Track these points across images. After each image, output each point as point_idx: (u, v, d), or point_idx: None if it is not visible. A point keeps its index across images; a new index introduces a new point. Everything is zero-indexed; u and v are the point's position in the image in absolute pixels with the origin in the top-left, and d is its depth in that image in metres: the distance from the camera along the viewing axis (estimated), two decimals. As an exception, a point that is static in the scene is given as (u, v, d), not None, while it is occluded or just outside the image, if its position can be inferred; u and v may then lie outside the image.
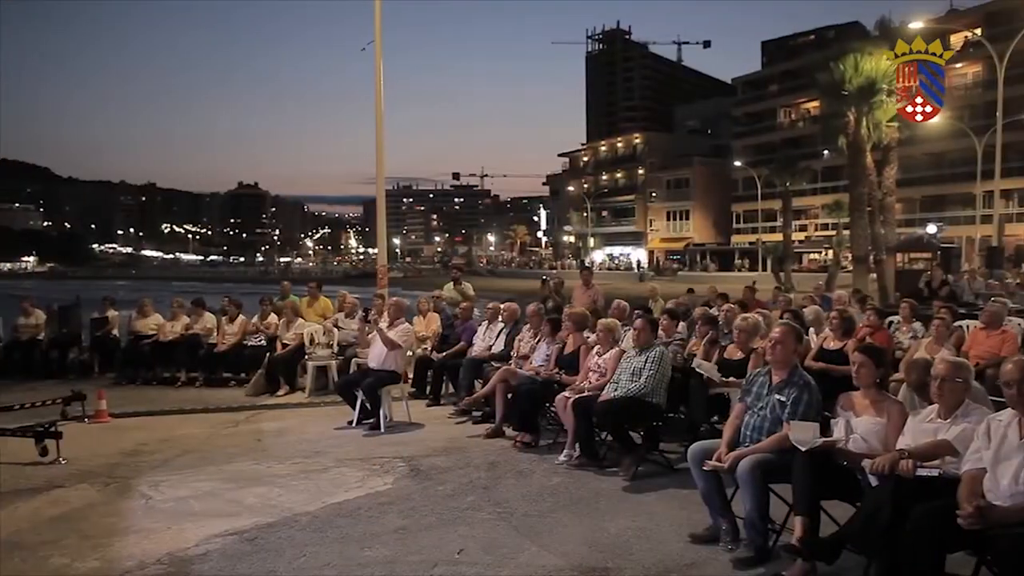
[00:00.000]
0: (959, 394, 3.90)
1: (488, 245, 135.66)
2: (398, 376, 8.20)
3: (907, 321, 8.79)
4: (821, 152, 50.40)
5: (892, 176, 27.77)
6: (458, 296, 11.71)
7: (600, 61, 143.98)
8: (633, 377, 6.11)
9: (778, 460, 4.21)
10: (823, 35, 69.57)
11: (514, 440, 7.09)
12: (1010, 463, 3.34)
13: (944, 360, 4.11)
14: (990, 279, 17.41)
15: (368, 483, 5.92)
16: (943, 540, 3.34)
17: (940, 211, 47.64)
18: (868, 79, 26.21)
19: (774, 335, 4.63)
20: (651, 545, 4.56)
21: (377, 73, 12.55)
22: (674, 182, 69.98)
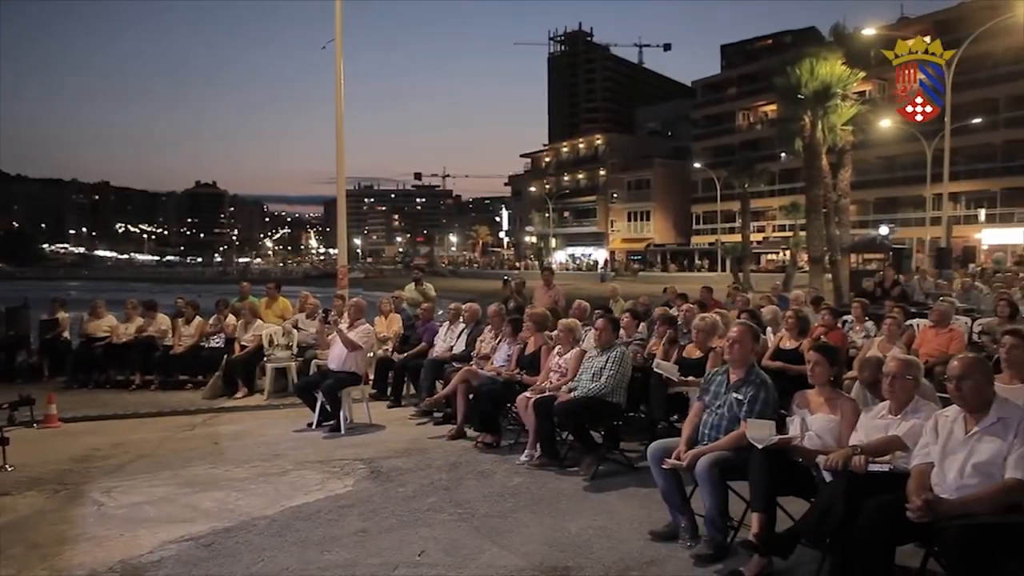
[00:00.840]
0: (909, 391, 4.01)
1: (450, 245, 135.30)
2: (358, 377, 8.13)
3: (860, 320, 8.99)
4: (778, 155, 51.24)
5: (847, 179, 28.41)
6: (419, 297, 11.66)
7: (562, 62, 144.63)
8: (594, 377, 6.15)
9: (736, 458, 4.28)
10: (780, 40, 70.92)
11: (475, 441, 7.09)
12: (956, 457, 3.44)
13: (895, 358, 4.21)
14: (939, 279, 17.92)
15: (328, 486, 5.86)
16: (893, 533, 3.42)
17: (892, 213, 48.83)
18: (823, 83, 26.76)
19: (731, 335, 4.70)
20: (611, 543, 4.59)
21: (337, 72, 12.45)
22: (635, 183, 70.56)
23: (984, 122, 41.40)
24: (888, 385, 4.03)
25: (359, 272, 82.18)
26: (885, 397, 4.13)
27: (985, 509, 3.24)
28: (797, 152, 28.97)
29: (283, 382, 9.89)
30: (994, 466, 3.32)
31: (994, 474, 3.32)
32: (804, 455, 4.17)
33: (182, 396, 9.80)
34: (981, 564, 3.15)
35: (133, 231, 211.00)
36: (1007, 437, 3.33)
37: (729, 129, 63.66)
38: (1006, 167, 44.39)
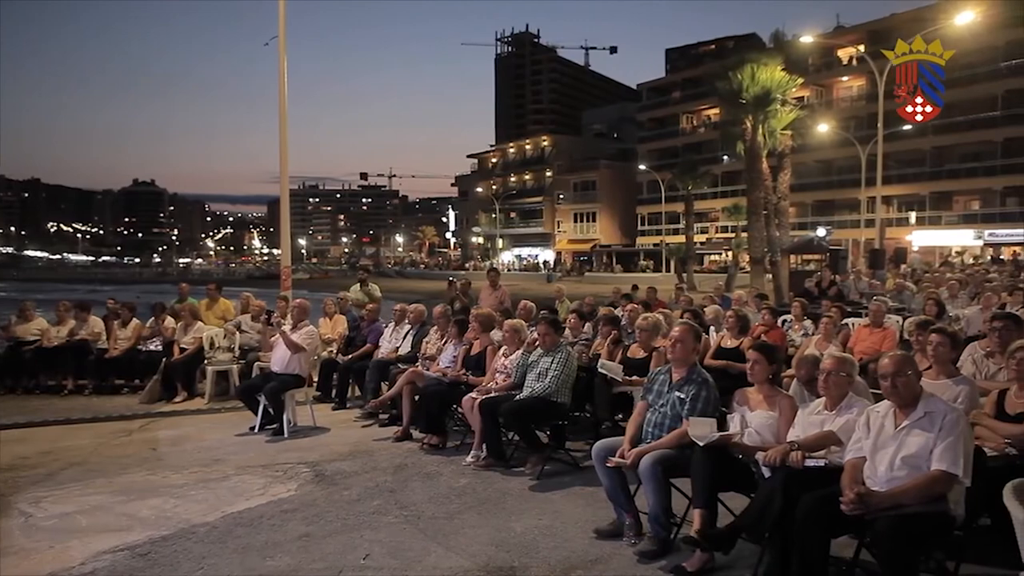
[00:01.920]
0: (843, 387, 4.15)
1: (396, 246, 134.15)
2: (302, 379, 8.00)
3: (799, 319, 9.24)
4: (721, 157, 52.47)
5: (786, 181, 29.16)
6: (364, 298, 11.55)
7: (509, 63, 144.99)
8: (539, 377, 6.18)
9: (678, 455, 4.36)
10: (723, 45, 72.48)
11: (421, 442, 7.05)
12: (887, 451, 3.57)
13: (830, 356, 4.35)
14: (873, 279, 18.54)
15: (270, 490, 5.76)
16: (828, 526, 3.53)
17: (829, 215, 50.31)
18: (764, 88, 27.40)
19: (674, 334, 4.78)
20: (557, 542, 4.62)
21: (281, 70, 12.25)
22: (581, 184, 71.09)
23: (914, 129, 42.98)
24: (823, 382, 4.17)
25: (304, 273, 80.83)
26: (821, 393, 4.26)
27: (912, 500, 3.37)
28: (739, 155, 29.65)
29: (224, 385, 9.66)
30: (921, 458, 3.46)
31: (921, 466, 3.45)
32: (744, 451, 4.28)
33: (118, 401, 9.48)
34: (908, 552, 3.28)
35: (66, 230, 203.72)
36: (933, 430, 3.47)
37: (673, 132, 64.64)
38: (933, 172, 46.19)
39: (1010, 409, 4.42)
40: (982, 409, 4.61)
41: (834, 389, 4.14)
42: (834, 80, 52.43)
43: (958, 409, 3.68)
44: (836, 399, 4.14)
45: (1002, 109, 42.89)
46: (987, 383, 5.43)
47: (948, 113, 44.73)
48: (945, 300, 11.20)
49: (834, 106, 51.25)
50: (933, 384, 4.62)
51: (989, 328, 5.97)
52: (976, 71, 43.74)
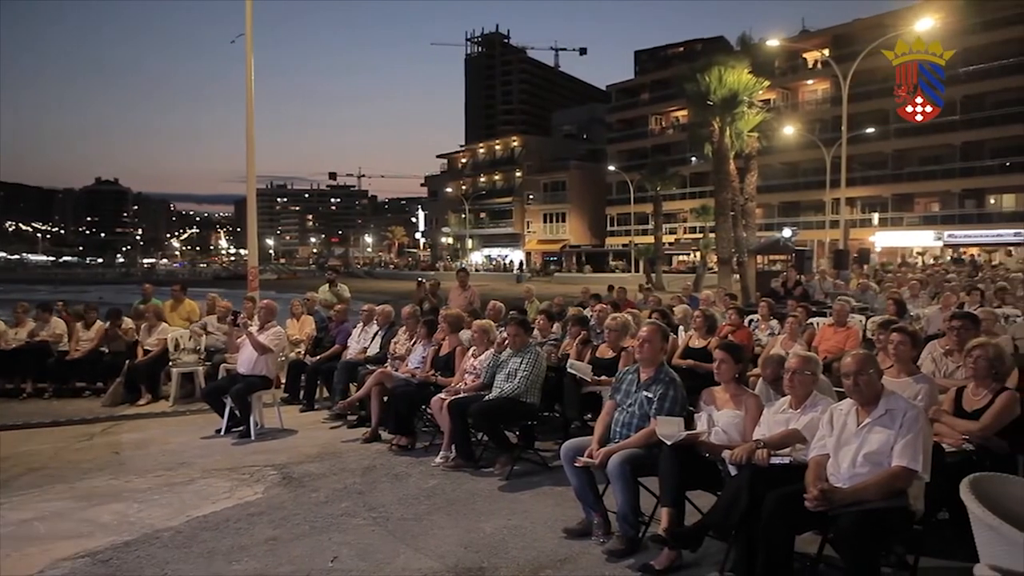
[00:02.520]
0: (808, 385, 4.21)
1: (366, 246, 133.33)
2: (269, 381, 7.92)
3: (765, 319, 9.37)
4: (689, 159, 52.97)
5: (753, 183, 29.53)
6: (333, 298, 11.45)
7: (479, 64, 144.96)
8: (509, 378, 6.19)
9: (646, 454, 4.39)
10: (691, 47, 73.22)
11: (390, 443, 7.01)
12: (849, 448, 3.63)
13: (795, 355, 4.42)
14: (837, 279, 18.85)
15: (237, 493, 5.68)
16: (793, 522, 3.58)
17: (795, 216, 51.11)
18: (731, 91, 27.71)
19: (641, 334, 4.81)
20: (526, 542, 4.62)
21: (248, 68, 12.08)
22: (551, 185, 71.28)
23: (876, 132, 43.87)
24: (788, 380, 4.23)
25: (271, 273, 79.99)
26: (786, 392, 4.32)
27: (874, 495, 3.43)
28: (707, 156, 29.95)
29: (190, 387, 9.53)
30: (882, 455, 3.53)
31: (883, 462, 3.52)
32: (711, 450, 4.32)
33: (79, 404, 9.29)
34: (870, 547, 3.34)
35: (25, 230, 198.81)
36: (894, 427, 3.54)
37: (642, 133, 65.10)
38: (895, 174, 47.16)
39: (967, 406, 4.53)
40: (941, 406, 4.71)
41: (799, 388, 4.20)
42: (800, 83, 53.26)
43: (918, 406, 3.75)
44: (801, 398, 4.21)
45: (960, 114, 43.93)
46: (946, 381, 5.56)
47: (909, 117, 45.71)
48: (906, 300, 11.44)
49: (800, 109, 52.06)
50: (894, 382, 4.71)
51: (948, 327, 6.11)
52: (936, 76, 44.73)
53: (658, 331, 4.83)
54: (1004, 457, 4.28)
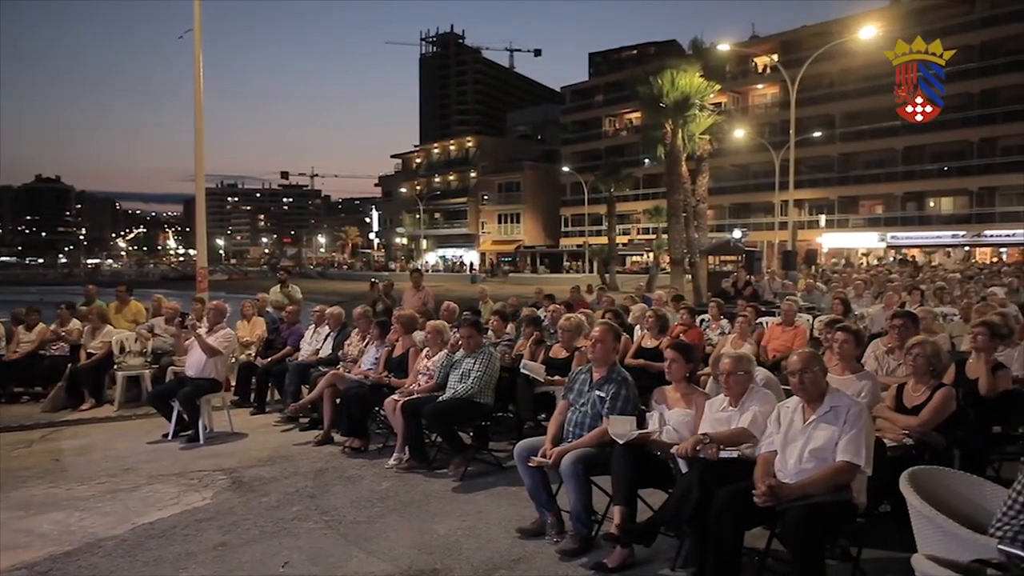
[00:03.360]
0: (743, 384, 4.29)
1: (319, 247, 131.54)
2: (219, 384, 7.77)
3: (716, 319, 9.53)
4: (643, 160, 53.53)
5: (705, 185, 30.03)
6: (284, 299, 11.30)
7: (434, 64, 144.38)
8: (462, 378, 6.17)
9: (599, 454, 4.42)
10: (645, 50, 73.87)
11: (343, 446, 6.94)
12: (796, 444, 3.72)
13: (727, 356, 4.47)
14: (786, 280, 19.28)
15: (185, 499, 5.56)
16: (742, 518, 3.65)
17: (745, 218, 52.13)
18: (683, 94, 28.12)
19: (594, 334, 4.84)
20: (480, 543, 4.62)
21: (196, 64, 11.82)
22: (505, 185, 71.35)
23: (823, 136, 45.02)
24: (724, 381, 4.30)
25: (222, 274, 78.43)
26: (724, 393, 4.38)
27: (820, 490, 3.52)
28: (660, 158, 30.34)
29: (136, 391, 9.27)
30: (828, 451, 3.62)
31: (828, 458, 3.61)
32: (662, 448, 4.37)
33: (16, 410, 8.95)
34: (815, 540, 3.43)
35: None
36: (838, 423, 3.63)
37: (596, 134, 65.59)
38: (841, 177, 48.44)
39: (908, 402, 4.67)
40: (883, 402, 4.85)
41: (735, 387, 4.27)
42: (750, 87, 54.32)
43: (861, 403, 3.85)
44: (738, 395, 4.28)
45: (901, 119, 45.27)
46: (888, 378, 5.72)
47: (853, 122, 47.24)
48: (851, 299, 11.75)
49: (750, 112, 53.09)
50: (839, 379, 4.83)
51: (890, 326, 6.31)
52: (877, 83, 45.99)
53: (610, 331, 4.87)
54: (941, 451, 4.43)
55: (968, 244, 42.85)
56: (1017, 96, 41.31)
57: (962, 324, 8.73)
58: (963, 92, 42.82)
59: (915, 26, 43.65)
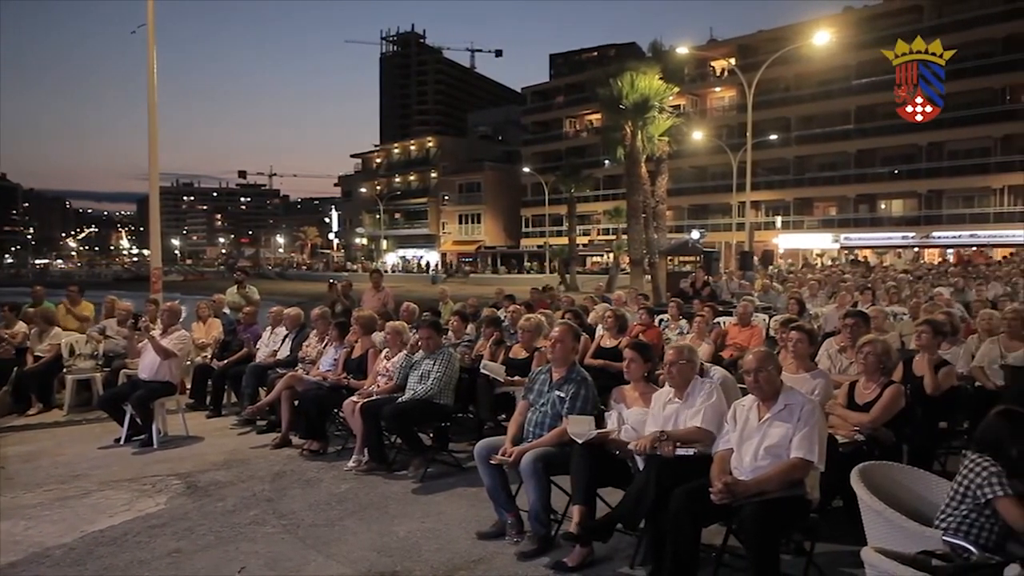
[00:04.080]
0: (687, 374, 4.33)
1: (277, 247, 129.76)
2: (173, 387, 7.61)
3: (674, 319, 9.63)
4: (603, 161, 53.91)
5: (664, 186, 30.34)
6: (241, 300, 11.13)
7: (395, 63, 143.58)
8: (422, 379, 6.15)
9: (559, 453, 4.44)
10: (605, 52, 74.32)
11: (301, 448, 6.86)
12: (751, 442, 3.78)
13: (670, 347, 4.54)
14: (743, 280, 19.59)
15: (137, 505, 5.43)
16: (699, 516, 3.70)
17: (704, 219, 52.83)
18: (642, 96, 28.38)
19: (553, 335, 4.87)
20: (440, 544, 4.60)
21: (150, 60, 11.58)
22: (466, 186, 71.22)
23: (779, 139, 45.89)
24: (668, 372, 4.34)
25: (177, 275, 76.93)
26: (668, 384, 4.41)
27: (774, 487, 3.59)
28: (619, 159, 30.56)
29: (87, 395, 9.04)
30: (782, 448, 3.69)
31: (782, 455, 3.68)
32: (621, 447, 4.40)
33: (-40, 415, 8.68)
34: (770, 535, 3.49)
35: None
36: (792, 421, 3.71)
37: (557, 135, 65.85)
38: (796, 179, 49.41)
39: (859, 399, 4.79)
40: (836, 400, 4.97)
41: (678, 377, 4.31)
42: (708, 90, 55.08)
43: (814, 401, 3.94)
44: (681, 386, 4.31)
45: (855, 123, 46.50)
46: (840, 376, 5.86)
47: (807, 125, 48.25)
48: (806, 299, 11.99)
49: (708, 115, 53.82)
50: (793, 378, 4.93)
51: (842, 325, 6.46)
52: (832, 87, 47.20)
53: (569, 331, 4.90)
54: (891, 446, 4.55)
55: (917, 245, 44.05)
56: (963, 102, 42.61)
57: (911, 323, 8.95)
58: (912, 97, 44.04)
59: (867, 33, 44.98)
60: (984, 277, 18.61)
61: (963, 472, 3.12)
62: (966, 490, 3.05)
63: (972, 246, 40.64)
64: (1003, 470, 3.01)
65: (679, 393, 4.32)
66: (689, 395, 4.28)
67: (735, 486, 3.59)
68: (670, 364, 4.32)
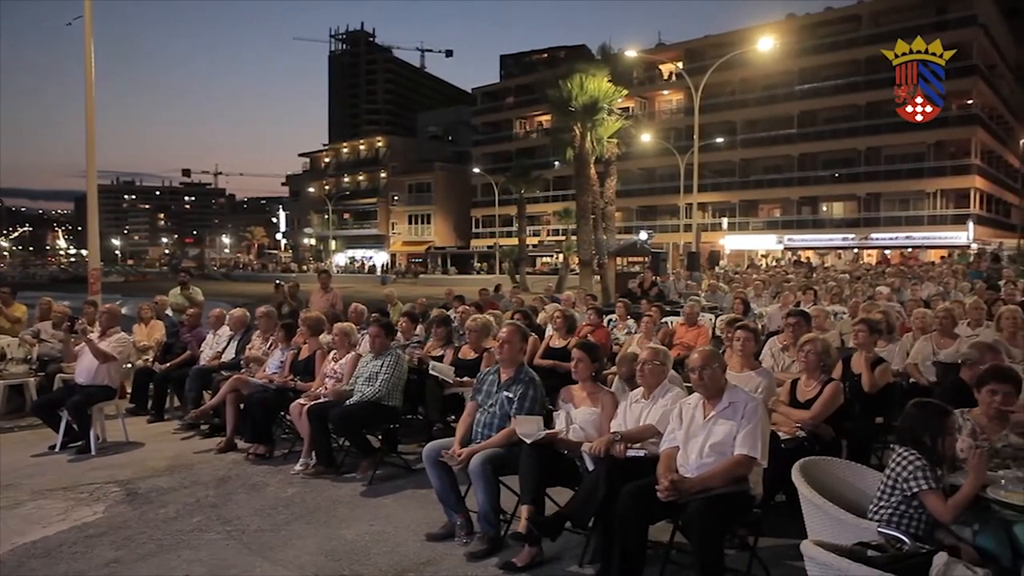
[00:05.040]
0: (659, 375, 4.43)
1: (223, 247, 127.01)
2: (112, 391, 7.37)
3: (623, 319, 9.73)
4: (553, 163, 54.17)
5: (613, 187, 30.64)
6: (185, 301, 10.87)
7: (344, 62, 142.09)
8: (369, 381, 6.09)
9: (507, 454, 4.45)
10: (555, 54, 74.71)
11: (247, 452, 6.73)
12: (697, 440, 3.85)
13: (647, 347, 4.64)
14: (690, 280, 19.90)
15: (73, 514, 5.25)
16: (646, 513, 3.75)
17: (652, 220, 53.55)
18: (592, 98, 28.61)
19: (501, 335, 4.87)
20: (389, 547, 4.57)
21: (87, 52, 11.24)
22: (416, 186, 70.84)
23: (725, 142, 46.83)
24: (640, 371, 4.44)
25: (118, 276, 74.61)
26: (639, 383, 4.51)
27: (719, 483, 3.66)
28: (569, 161, 30.78)
29: (19, 401, 8.70)
30: (727, 445, 3.76)
31: (727, 452, 3.75)
32: (569, 447, 4.44)
33: None
34: (715, 531, 3.56)
35: None
36: (736, 418, 3.78)
37: (507, 136, 65.97)
38: (742, 181, 50.45)
39: (801, 397, 4.92)
40: (779, 397, 5.09)
41: (650, 377, 4.41)
42: (656, 93, 55.86)
43: (757, 398, 4.03)
44: (652, 387, 4.41)
45: (798, 127, 47.75)
46: (783, 374, 6.01)
47: (752, 128, 49.33)
48: (751, 299, 12.25)
49: (656, 117, 54.58)
50: (737, 376, 5.03)
51: (785, 324, 6.61)
52: (775, 92, 48.36)
53: (517, 332, 4.91)
54: (831, 442, 4.68)
55: (857, 246, 45.40)
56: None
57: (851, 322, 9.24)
58: (851, 104, 45.49)
59: (808, 40, 46.28)
60: (918, 277, 19.27)
61: (891, 466, 3.24)
62: (895, 483, 3.17)
63: (908, 247, 42.12)
64: (927, 463, 3.13)
65: (648, 393, 4.40)
66: (656, 397, 4.36)
67: (681, 483, 3.65)
68: (644, 363, 4.40)
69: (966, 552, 2.95)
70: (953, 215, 42.69)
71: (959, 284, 15.84)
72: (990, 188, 46.25)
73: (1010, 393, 3.67)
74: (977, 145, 42.98)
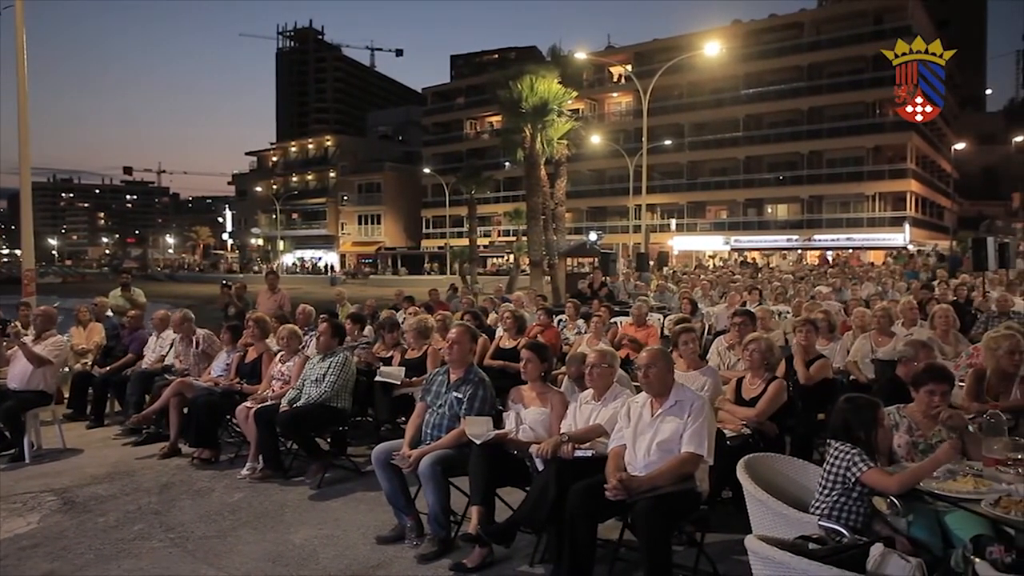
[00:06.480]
0: (608, 378, 4.48)
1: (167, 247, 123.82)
2: (48, 396, 7.12)
3: (572, 319, 9.80)
4: (503, 163, 54.25)
5: (563, 188, 30.78)
6: (126, 303, 10.59)
7: (292, 59, 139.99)
8: (317, 382, 6.01)
9: (457, 455, 4.44)
10: (506, 55, 75.07)
11: (191, 457, 6.58)
12: (644, 438, 3.89)
13: (594, 350, 4.68)
14: (639, 281, 20.15)
15: (5, 526, 5.06)
16: (595, 511, 3.78)
17: (602, 221, 54.04)
18: (542, 99, 28.68)
19: (451, 336, 4.86)
20: (338, 551, 4.52)
21: (19, 40, 10.81)
22: (366, 186, 70.14)
23: (673, 144, 47.56)
24: (589, 374, 4.47)
25: (55, 277, 72.16)
26: (588, 386, 4.56)
27: (667, 481, 3.71)
28: (519, 162, 30.79)
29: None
30: (673, 443, 3.81)
31: (674, 450, 3.81)
32: (519, 447, 4.45)
33: None
34: (663, 528, 3.60)
35: None
36: (683, 416, 3.84)
37: (458, 137, 65.81)
38: (689, 183, 51.31)
39: (746, 394, 5.02)
40: (725, 395, 5.19)
41: (599, 380, 4.45)
42: (605, 95, 56.42)
43: (703, 397, 4.10)
44: (601, 389, 4.45)
45: (743, 130, 48.81)
46: (729, 372, 6.12)
47: (699, 132, 50.21)
48: (698, 299, 12.46)
49: (606, 119, 55.13)
50: (684, 375, 5.11)
51: (731, 323, 6.75)
52: (722, 96, 49.34)
53: (467, 332, 4.90)
54: (775, 438, 4.80)
55: (800, 248, 46.58)
56: (840, 114, 45.54)
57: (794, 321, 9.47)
58: (794, 108, 46.72)
59: (753, 45, 47.32)
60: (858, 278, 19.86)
61: (829, 460, 3.33)
62: (835, 477, 3.27)
63: (848, 248, 43.39)
64: (862, 451, 3.25)
65: (598, 395, 4.43)
66: (607, 399, 4.40)
67: (629, 482, 3.69)
68: (592, 366, 4.43)
69: (901, 543, 3.05)
70: (891, 217, 44.16)
71: (896, 284, 16.39)
72: (925, 192, 48.01)
73: (947, 392, 3.81)
74: (913, 150, 44.56)
